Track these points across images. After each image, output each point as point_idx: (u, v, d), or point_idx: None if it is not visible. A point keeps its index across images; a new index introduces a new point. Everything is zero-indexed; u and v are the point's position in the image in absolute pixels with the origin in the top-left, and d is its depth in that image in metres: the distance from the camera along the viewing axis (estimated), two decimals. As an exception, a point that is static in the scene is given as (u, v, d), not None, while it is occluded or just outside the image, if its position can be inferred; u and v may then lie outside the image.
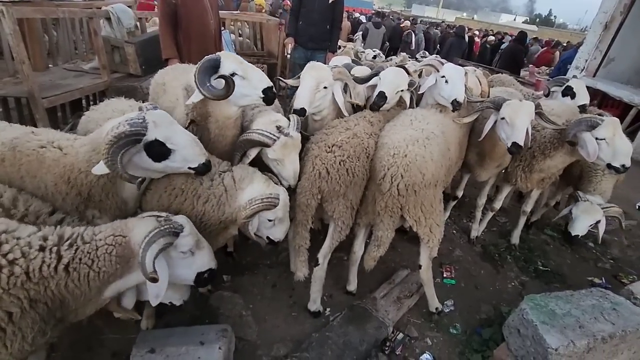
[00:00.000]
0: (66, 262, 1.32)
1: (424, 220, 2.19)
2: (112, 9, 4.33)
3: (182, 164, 1.63)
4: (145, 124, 1.49)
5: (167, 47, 3.70)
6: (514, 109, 2.36)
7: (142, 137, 1.48)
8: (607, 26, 6.71)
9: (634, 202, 4.53)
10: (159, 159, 1.57)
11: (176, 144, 1.58)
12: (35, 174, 1.64)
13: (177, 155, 1.59)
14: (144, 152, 1.54)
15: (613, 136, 2.36)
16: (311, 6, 4.72)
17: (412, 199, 2.11)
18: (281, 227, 1.97)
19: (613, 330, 1.84)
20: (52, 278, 1.30)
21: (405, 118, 2.41)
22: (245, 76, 1.90)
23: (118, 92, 4.31)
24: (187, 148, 1.61)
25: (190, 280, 1.61)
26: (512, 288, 2.95)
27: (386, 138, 2.25)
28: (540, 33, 29.13)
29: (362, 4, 40.49)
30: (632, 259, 3.52)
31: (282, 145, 1.94)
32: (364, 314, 2.34)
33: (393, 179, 2.07)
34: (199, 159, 1.66)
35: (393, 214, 2.17)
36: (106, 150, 1.42)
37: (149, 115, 1.52)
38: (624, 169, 2.35)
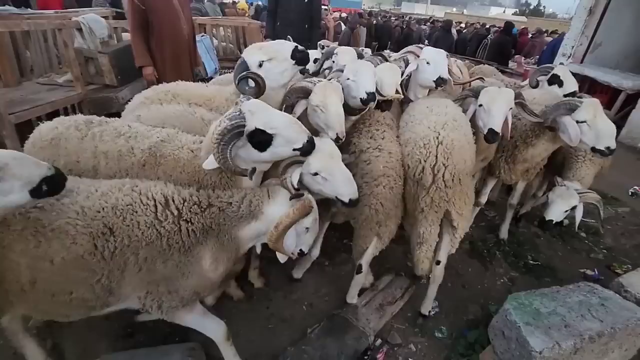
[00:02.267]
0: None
1: (464, 211, 2.11)
2: (83, 19, 4.23)
3: (286, 146, 1.63)
4: (243, 115, 1.52)
5: (140, 55, 3.65)
6: (491, 95, 2.27)
7: (244, 129, 1.53)
8: (592, 11, 6.63)
9: (627, 189, 4.44)
10: (263, 147, 1.60)
11: (275, 127, 1.58)
12: (171, 174, 1.77)
13: (279, 139, 1.60)
14: (249, 144, 1.59)
15: (594, 118, 2.23)
16: (287, 6, 4.65)
17: (458, 189, 2.02)
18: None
19: (601, 328, 1.73)
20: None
21: (420, 108, 2.34)
22: (271, 57, 2.00)
23: (94, 103, 4.24)
24: (286, 129, 1.61)
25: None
26: (501, 285, 2.85)
27: (409, 132, 2.18)
28: (529, 23, 29.05)
29: (351, 4, 40.52)
30: (626, 248, 3.42)
31: (322, 87, 1.95)
32: (343, 325, 2.23)
33: (435, 169, 1.98)
34: (302, 137, 1.63)
35: (439, 209, 2.07)
36: (215, 148, 1.50)
37: (244, 106, 1.56)
38: (609, 152, 2.23)
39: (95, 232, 1.42)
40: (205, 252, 1.58)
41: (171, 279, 1.55)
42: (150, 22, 3.58)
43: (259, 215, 1.64)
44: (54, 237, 1.37)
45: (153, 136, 1.81)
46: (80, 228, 1.40)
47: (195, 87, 2.53)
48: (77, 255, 1.39)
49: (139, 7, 3.47)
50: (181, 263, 1.54)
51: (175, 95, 2.39)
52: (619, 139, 5.93)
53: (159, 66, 3.78)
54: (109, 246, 1.43)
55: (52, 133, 1.80)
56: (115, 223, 1.45)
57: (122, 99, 4.18)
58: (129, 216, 1.47)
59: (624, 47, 7.12)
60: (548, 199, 2.66)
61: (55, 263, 1.38)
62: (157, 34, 3.65)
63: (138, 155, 1.75)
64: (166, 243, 1.50)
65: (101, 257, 1.43)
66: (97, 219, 1.43)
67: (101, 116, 4.05)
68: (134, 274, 1.49)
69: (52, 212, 1.40)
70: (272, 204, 1.66)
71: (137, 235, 1.46)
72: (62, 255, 1.37)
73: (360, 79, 2.09)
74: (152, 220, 1.49)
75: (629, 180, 4.59)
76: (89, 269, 1.42)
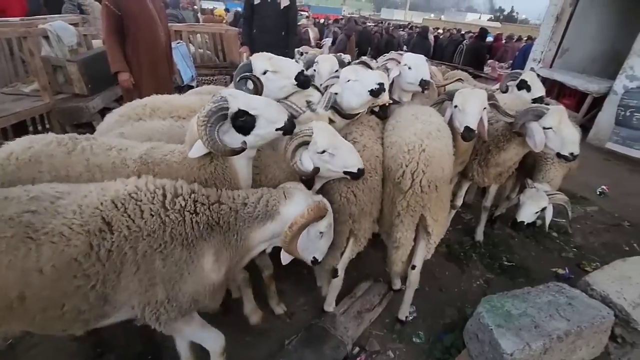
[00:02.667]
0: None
1: (439, 217, 2.15)
2: (50, 26, 4.10)
3: (269, 127, 1.66)
4: (225, 98, 1.57)
5: (115, 60, 3.55)
6: (465, 95, 2.36)
7: (227, 111, 1.56)
8: (559, 18, 6.92)
9: (595, 188, 4.61)
10: (247, 131, 1.63)
11: (256, 107, 1.62)
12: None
13: (262, 120, 1.63)
14: (233, 129, 1.62)
15: (559, 124, 2.33)
16: (264, 13, 4.63)
17: (434, 195, 2.06)
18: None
19: (568, 327, 1.78)
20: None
21: (405, 114, 2.38)
22: (277, 70, 2.10)
23: (63, 113, 4.09)
24: (267, 108, 1.65)
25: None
26: (477, 287, 2.89)
27: (394, 136, 2.21)
28: (503, 29, 30.11)
29: (331, 10, 40.99)
30: (595, 246, 3.54)
31: (306, 119, 1.94)
32: (321, 334, 2.21)
33: (414, 175, 2.02)
34: (282, 116, 1.67)
35: (414, 214, 2.11)
36: (203, 130, 1.52)
37: (224, 92, 1.61)
38: (572, 157, 2.33)
39: (93, 229, 1.34)
40: (207, 249, 1.52)
41: (170, 282, 1.46)
42: (125, 27, 3.50)
43: (276, 216, 1.62)
44: (46, 242, 1.28)
45: (143, 147, 1.80)
46: (76, 227, 1.32)
47: (175, 98, 2.48)
48: (70, 259, 1.31)
49: (114, 12, 3.39)
50: (181, 261, 1.46)
51: (154, 109, 2.33)
52: (587, 140, 6.21)
53: (135, 72, 3.69)
54: (105, 244, 1.35)
55: (29, 152, 1.71)
56: (114, 216, 1.38)
57: (92, 109, 4.06)
58: (131, 205, 1.41)
59: (589, 53, 7.45)
60: (519, 201, 2.74)
61: (46, 273, 1.28)
62: (133, 39, 3.58)
63: (131, 166, 1.73)
64: (169, 234, 1.43)
65: (96, 258, 1.34)
66: (95, 215, 1.36)
67: (71, 126, 3.90)
68: (130, 276, 1.40)
69: (46, 215, 1.33)
70: (289, 204, 1.64)
71: (138, 225, 1.39)
72: (53, 263, 1.28)
73: (363, 76, 2.13)
74: (158, 209, 1.43)
75: (597, 180, 4.78)
76: (83, 274, 1.33)
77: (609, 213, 4.13)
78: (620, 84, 5.81)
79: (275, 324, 2.40)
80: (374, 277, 2.79)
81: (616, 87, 5.85)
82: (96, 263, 1.34)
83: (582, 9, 6.91)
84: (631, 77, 5.68)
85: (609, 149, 5.77)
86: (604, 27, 7.22)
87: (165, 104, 2.35)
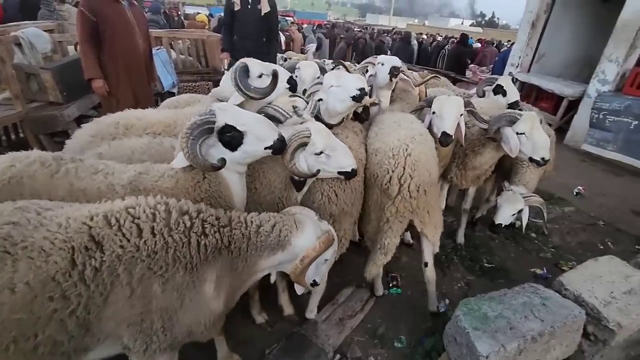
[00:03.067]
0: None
1: (428, 220, 2.17)
2: (22, 33, 3.99)
3: (257, 145, 1.63)
4: (213, 112, 1.54)
5: (89, 66, 3.47)
6: (442, 101, 2.44)
7: (213, 125, 1.53)
8: (534, 24, 7.14)
9: (572, 189, 4.74)
10: (234, 147, 1.60)
11: (245, 123, 1.59)
12: None
13: (250, 136, 1.60)
14: (219, 143, 1.59)
15: (531, 130, 2.42)
16: (245, 19, 4.62)
17: (422, 199, 2.07)
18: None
19: (542, 328, 1.80)
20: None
21: (388, 121, 2.42)
22: (269, 74, 2.18)
23: (36, 122, 3.98)
24: (256, 125, 1.62)
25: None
26: (458, 289, 2.92)
27: (378, 143, 2.23)
28: (485, 34, 30.92)
29: (317, 15, 41.28)
30: (572, 245, 3.64)
31: (292, 124, 1.96)
32: (302, 343, 2.19)
33: (401, 180, 2.02)
34: (272, 134, 1.64)
35: (403, 219, 2.12)
36: (184, 143, 1.48)
37: (214, 106, 1.58)
38: (544, 162, 2.41)
39: (78, 246, 1.21)
40: (210, 274, 1.42)
41: (167, 311, 1.33)
42: (101, 32, 3.43)
43: (287, 246, 1.58)
44: (23, 257, 1.15)
45: (130, 170, 1.72)
46: (58, 242, 1.19)
47: (149, 114, 2.40)
48: (47, 277, 1.15)
49: (89, 18, 3.32)
50: (182, 286, 1.34)
51: (128, 127, 2.25)
52: (564, 142, 6.39)
53: (111, 80, 3.61)
54: (92, 262, 1.21)
55: (9, 171, 1.61)
56: (106, 234, 1.25)
57: (68, 117, 3.96)
58: (127, 222, 1.28)
59: (564, 58, 7.71)
60: (497, 203, 2.80)
61: (18, 292, 1.12)
62: (110, 45, 3.50)
63: (120, 192, 1.63)
64: (171, 256, 1.31)
65: (79, 278, 1.19)
66: (82, 231, 1.23)
67: (45, 135, 3.77)
68: (122, 301, 1.26)
69: (28, 227, 1.21)
70: (300, 235, 1.60)
71: (135, 244, 1.26)
72: (26, 280, 1.13)
73: (344, 82, 2.16)
74: (161, 228, 1.32)
75: (574, 181, 4.91)
76: (61, 295, 1.17)
77: (585, 213, 4.25)
78: (593, 88, 6.02)
79: (256, 333, 2.37)
80: (356, 283, 2.78)
81: (590, 91, 6.06)
82: (78, 283, 1.19)
83: (556, 16, 7.16)
84: (603, 82, 5.89)
85: (584, 150, 5.96)
86: (578, 34, 7.49)
87: (138, 121, 2.29)
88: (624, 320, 1.91)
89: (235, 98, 2.11)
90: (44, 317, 1.17)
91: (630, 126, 5.35)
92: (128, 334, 1.32)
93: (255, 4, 4.55)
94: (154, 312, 1.32)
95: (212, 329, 1.54)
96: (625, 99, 5.48)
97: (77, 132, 2.26)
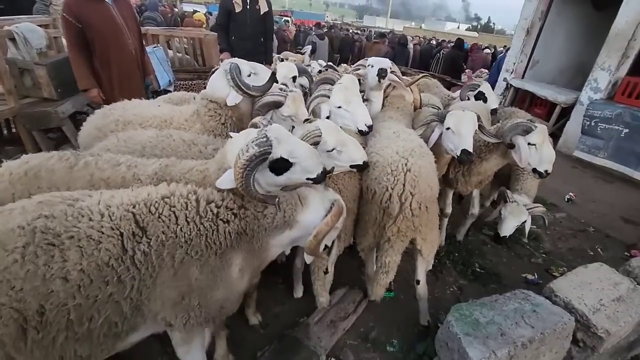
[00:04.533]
0: None
1: (428, 237, 2.15)
2: (16, 28, 3.94)
3: (301, 175, 1.64)
4: (270, 142, 1.49)
5: (81, 77, 3.33)
6: (458, 118, 2.39)
7: (269, 156, 1.52)
8: (529, 31, 7.22)
9: (564, 195, 4.81)
10: (281, 172, 1.60)
11: (297, 156, 1.59)
12: None
13: (297, 167, 1.61)
14: (267, 169, 1.59)
15: (542, 143, 2.47)
16: (243, 20, 4.61)
17: (424, 217, 2.02)
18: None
19: (532, 334, 1.83)
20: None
21: (386, 132, 2.39)
22: (257, 72, 2.32)
23: (30, 118, 3.93)
24: (307, 159, 1.62)
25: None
26: (450, 294, 2.95)
27: (376, 156, 2.15)
28: (480, 39, 31.26)
29: (314, 16, 41.28)
30: (562, 251, 3.69)
31: (292, 98, 2.18)
32: (294, 345, 2.19)
33: (402, 198, 1.96)
34: (318, 168, 1.65)
35: (405, 238, 2.07)
36: (240, 174, 1.45)
37: (270, 132, 1.53)
38: (545, 175, 2.48)
39: (126, 233, 1.29)
40: (236, 257, 1.54)
41: (204, 290, 1.45)
42: (90, 40, 3.28)
43: (294, 224, 1.65)
44: (71, 247, 1.21)
45: (154, 163, 1.75)
46: (106, 230, 1.27)
47: (144, 109, 2.41)
48: (102, 263, 1.24)
49: (73, 24, 3.15)
50: (215, 269, 1.46)
51: (126, 123, 2.29)
52: (557, 148, 6.41)
53: (106, 86, 3.50)
54: (140, 247, 1.31)
55: (24, 166, 1.65)
56: (150, 221, 1.34)
57: (62, 114, 3.91)
58: (166, 211, 1.38)
59: (558, 65, 7.81)
60: (501, 215, 2.83)
61: (72, 280, 1.19)
62: (101, 54, 3.37)
63: (146, 182, 1.66)
64: (204, 243, 1.42)
65: (131, 262, 1.29)
66: (127, 218, 1.32)
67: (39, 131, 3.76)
68: (166, 281, 1.36)
69: (67, 218, 1.26)
70: (306, 211, 1.66)
71: (173, 230, 1.37)
72: (80, 267, 1.20)
73: (354, 111, 2.35)
74: (193, 216, 1.42)
75: (565, 187, 4.98)
76: (117, 279, 1.27)
77: (575, 219, 4.31)
78: (585, 95, 6.10)
79: (248, 335, 2.37)
80: (349, 284, 2.79)
81: (582, 98, 6.15)
82: (131, 267, 1.29)
83: (550, 23, 7.25)
84: (595, 89, 5.98)
85: (576, 157, 6.04)
86: (571, 41, 7.59)
87: (135, 117, 2.32)
88: (612, 328, 1.94)
89: (235, 97, 2.22)
90: (100, 301, 1.25)
91: (621, 134, 5.44)
92: (171, 312, 1.43)
93: (254, 4, 4.55)
94: (193, 291, 1.43)
95: (237, 305, 1.68)
96: (616, 107, 5.57)
97: (85, 126, 2.36)
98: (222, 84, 2.24)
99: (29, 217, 1.23)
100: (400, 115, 2.77)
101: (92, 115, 2.41)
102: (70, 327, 1.22)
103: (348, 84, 2.43)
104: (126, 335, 1.40)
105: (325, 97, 2.44)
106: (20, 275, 1.14)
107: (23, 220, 1.22)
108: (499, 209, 2.92)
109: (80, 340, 1.26)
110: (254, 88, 2.22)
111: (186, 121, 2.34)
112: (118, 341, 1.39)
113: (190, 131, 2.28)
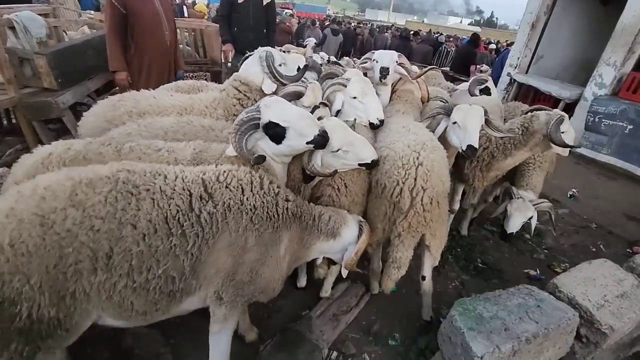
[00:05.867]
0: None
1: (437, 233, 2.13)
2: (16, 17, 3.88)
3: (299, 139, 1.71)
4: (259, 109, 1.66)
5: (114, 58, 3.48)
6: (465, 112, 2.35)
7: (259, 121, 1.66)
8: (534, 26, 7.14)
9: (566, 191, 4.79)
10: (279, 140, 1.71)
11: (287, 119, 1.67)
12: None
13: (292, 132, 1.69)
14: (267, 136, 1.72)
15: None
16: (245, 12, 4.55)
17: (436, 212, 2.00)
18: None
19: (536, 329, 1.82)
20: None
21: (396, 126, 2.36)
22: (286, 62, 2.44)
23: (30, 108, 3.89)
24: (298, 122, 1.69)
25: None
26: (452, 289, 2.95)
27: (386, 149, 2.12)
28: (484, 34, 31.01)
29: (316, 9, 40.90)
30: (565, 247, 3.68)
31: (312, 89, 2.24)
32: (296, 338, 2.19)
33: (413, 192, 1.94)
34: (312, 130, 1.71)
35: (416, 234, 2.04)
36: (233, 137, 1.63)
37: (262, 101, 1.71)
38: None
39: (196, 194, 1.43)
40: (285, 237, 1.65)
41: (255, 263, 1.55)
42: (130, 26, 3.43)
43: (337, 236, 1.81)
44: (146, 197, 1.35)
45: (188, 148, 1.83)
46: (178, 189, 1.40)
47: (160, 99, 2.37)
48: (170, 216, 1.36)
49: (119, 10, 3.32)
50: (269, 242, 1.57)
51: (140, 114, 2.25)
52: (559, 144, 6.43)
53: (134, 73, 3.63)
54: (207, 208, 1.42)
55: (68, 153, 1.69)
56: (217, 187, 1.48)
57: (62, 104, 3.87)
58: (234, 182, 1.52)
59: (562, 60, 7.73)
60: (507, 211, 2.81)
61: (139, 227, 1.31)
62: (137, 39, 3.51)
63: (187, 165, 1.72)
64: (265, 214, 1.55)
65: (196, 219, 1.40)
66: (198, 182, 1.46)
67: (39, 121, 3.72)
68: (223, 248, 1.46)
69: (146, 175, 1.41)
70: (347, 228, 1.84)
71: (239, 199, 1.49)
72: (149, 218, 1.33)
73: (368, 103, 2.35)
74: (257, 190, 1.55)
75: (568, 183, 4.96)
76: (181, 233, 1.37)
77: (578, 215, 4.30)
78: (590, 91, 6.05)
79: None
80: (352, 278, 2.78)
81: (586, 94, 6.10)
82: (195, 224, 1.40)
83: (556, 17, 7.15)
84: (600, 85, 5.93)
85: (579, 153, 6.01)
86: (576, 36, 7.50)
87: (151, 107, 2.29)
88: (616, 324, 1.94)
89: (270, 85, 2.33)
90: (162, 251, 1.35)
91: (625, 130, 5.40)
92: (221, 283, 1.53)
93: None
94: (245, 264, 1.53)
95: (278, 289, 1.75)
96: (621, 103, 5.52)
97: (90, 118, 2.32)
98: (256, 69, 2.35)
99: (114, 169, 1.40)
100: (409, 108, 2.74)
101: (95, 107, 2.35)
102: (130, 275, 1.32)
103: (364, 77, 2.47)
104: (180, 297, 1.48)
105: (341, 85, 2.43)
106: (101, 214, 1.28)
107: (109, 172, 1.38)
108: (505, 205, 2.90)
109: (137, 291, 1.36)
110: (286, 77, 2.33)
111: (207, 107, 2.37)
112: (173, 302, 1.47)
113: (211, 117, 2.31)
